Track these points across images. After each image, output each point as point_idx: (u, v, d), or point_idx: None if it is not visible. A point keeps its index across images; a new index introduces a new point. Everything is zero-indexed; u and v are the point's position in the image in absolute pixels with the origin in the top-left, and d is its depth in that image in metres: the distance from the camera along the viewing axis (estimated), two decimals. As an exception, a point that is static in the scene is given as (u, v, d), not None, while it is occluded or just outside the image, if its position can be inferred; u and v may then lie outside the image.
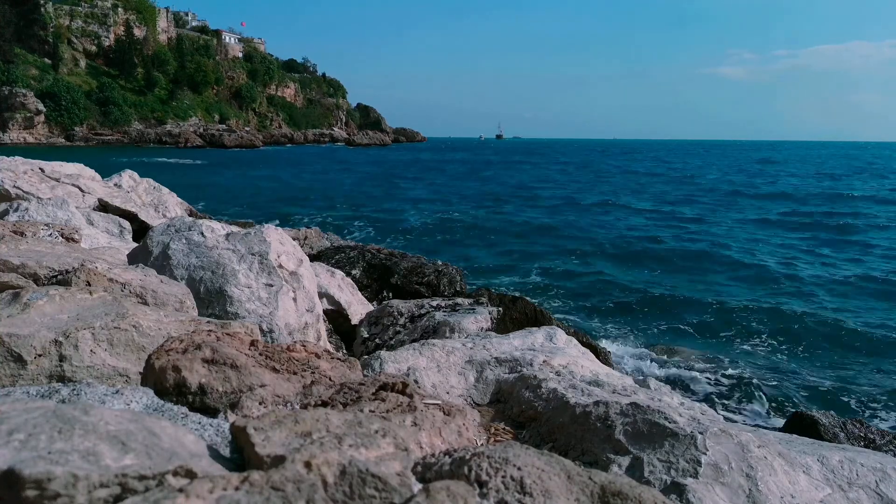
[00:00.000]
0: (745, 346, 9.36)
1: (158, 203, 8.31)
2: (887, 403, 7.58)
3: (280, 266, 3.44)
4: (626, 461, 1.99)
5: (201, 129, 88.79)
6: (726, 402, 7.42)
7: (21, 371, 1.67)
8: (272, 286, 3.31)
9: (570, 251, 16.97)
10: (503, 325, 4.69)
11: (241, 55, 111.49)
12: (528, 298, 5.86)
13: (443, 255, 13.00)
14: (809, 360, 8.83)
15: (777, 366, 8.65)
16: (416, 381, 2.43)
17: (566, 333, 3.59)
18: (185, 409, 1.41)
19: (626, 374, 4.39)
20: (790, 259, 16.32)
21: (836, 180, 46.41)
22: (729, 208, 27.22)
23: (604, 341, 8.82)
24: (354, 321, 5.19)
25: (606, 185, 40.47)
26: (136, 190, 8.11)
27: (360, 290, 6.23)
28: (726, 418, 2.87)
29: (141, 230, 6.05)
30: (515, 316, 5.08)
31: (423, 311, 4.75)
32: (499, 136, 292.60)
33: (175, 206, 8.56)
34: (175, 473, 0.92)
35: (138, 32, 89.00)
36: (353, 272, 7.06)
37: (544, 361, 2.88)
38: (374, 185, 35.28)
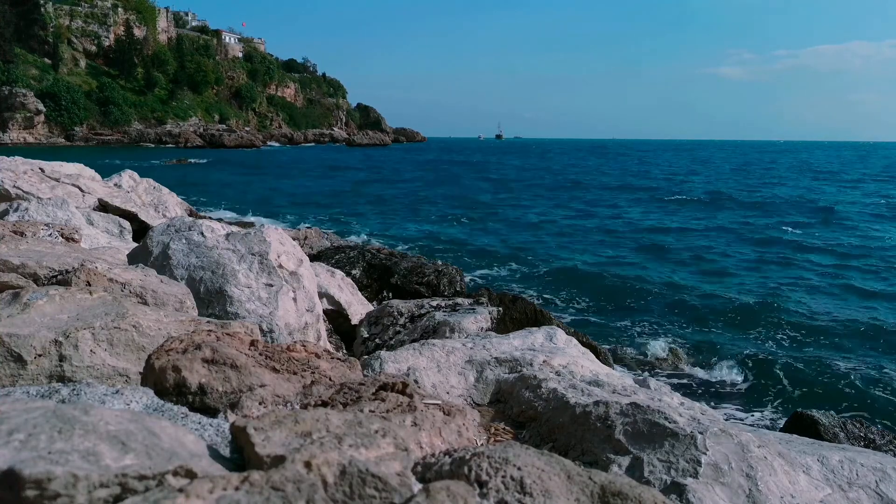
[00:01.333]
0: (745, 347, 9.36)
1: (158, 203, 8.31)
2: (887, 403, 7.58)
3: (280, 266, 3.44)
4: (626, 461, 1.99)
5: (201, 129, 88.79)
6: (726, 402, 7.42)
7: (21, 371, 1.67)
8: (272, 286, 3.31)
9: (570, 251, 16.98)
10: (503, 325, 4.69)
11: (241, 55, 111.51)
12: (527, 298, 5.86)
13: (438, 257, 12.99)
14: (809, 360, 8.82)
15: (777, 365, 8.65)
16: (416, 381, 2.43)
17: (566, 333, 3.59)
18: (185, 409, 1.41)
19: (626, 374, 4.40)
20: (789, 261, 16.35)
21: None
22: (717, 209, 27.23)
23: (604, 341, 8.83)
24: (354, 321, 5.19)
25: (603, 185, 40.46)
26: (136, 190, 8.11)
27: (360, 290, 6.23)
28: (726, 418, 2.87)
29: (141, 230, 6.05)
30: (515, 316, 5.09)
31: (423, 311, 4.75)
32: (498, 137, 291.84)
33: (175, 205, 8.57)
34: (175, 473, 0.92)
35: (138, 32, 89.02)
36: (353, 272, 7.07)
37: (544, 361, 2.88)
38: (367, 188, 35.20)
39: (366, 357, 2.93)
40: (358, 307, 5.42)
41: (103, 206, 6.49)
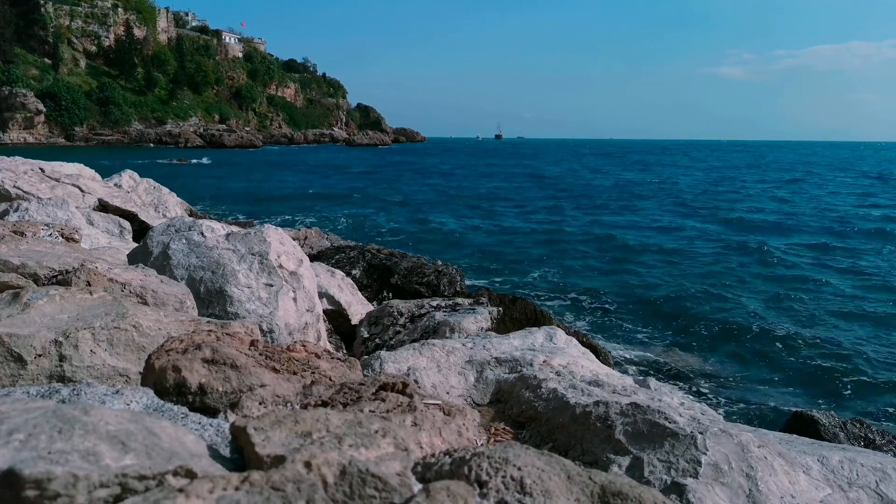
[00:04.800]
0: (745, 347, 9.36)
1: (158, 203, 8.32)
2: (887, 403, 7.58)
3: (280, 266, 3.44)
4: (626, 461, 1.99)
5: (201, 129, 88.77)
6: (726, 401, 7.42)
7: (21, 371, 1.67)
8: (272, 286, 3.31)
9: (570, 252, 16.98)
10: (503, 325, 4.69)
11: (241, 55, 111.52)
12: (527, 299, 5.86)
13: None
14: (809, 361, 8.82)
15: (777, 366, 8.65)
16: (416, 381, 2.43)
17: (566, 333, 3.58)
18: (185, 409, 1.41)
19: (626, 374, 4.40)
20: (797, 260, 16.34)
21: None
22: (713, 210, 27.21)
23: (604, 342, 8.82)
24: (354, 321, 5.19)
25: (603, 186, 40.40)
26: (136, 190, 8.11)
27: (360, 290, 6.23)
28: (726, 418, 2.87)
29: (141, 230, 6.05)
30: (515, 316, 5.09)
31: (423, 312, 4.75)
32: (498, 137, 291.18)
33: (175, 205, 8.57)
34: (175, 473, 0.92)
35: (138, 32, 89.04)
36: (353, 272, 7.07)
37: (544, 361, 2.88)
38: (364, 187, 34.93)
39: (366, 357, 2.93)
40: (358, 307, 5.42)
41: (103, 206, 6.48)
